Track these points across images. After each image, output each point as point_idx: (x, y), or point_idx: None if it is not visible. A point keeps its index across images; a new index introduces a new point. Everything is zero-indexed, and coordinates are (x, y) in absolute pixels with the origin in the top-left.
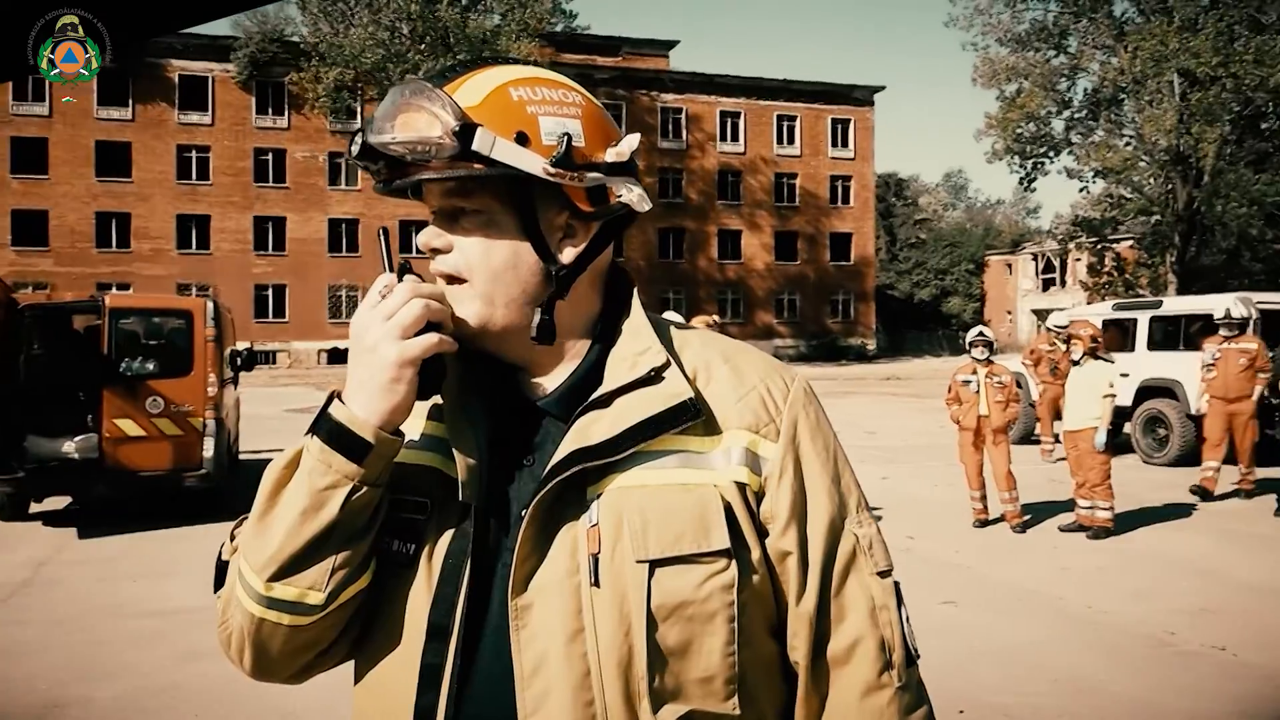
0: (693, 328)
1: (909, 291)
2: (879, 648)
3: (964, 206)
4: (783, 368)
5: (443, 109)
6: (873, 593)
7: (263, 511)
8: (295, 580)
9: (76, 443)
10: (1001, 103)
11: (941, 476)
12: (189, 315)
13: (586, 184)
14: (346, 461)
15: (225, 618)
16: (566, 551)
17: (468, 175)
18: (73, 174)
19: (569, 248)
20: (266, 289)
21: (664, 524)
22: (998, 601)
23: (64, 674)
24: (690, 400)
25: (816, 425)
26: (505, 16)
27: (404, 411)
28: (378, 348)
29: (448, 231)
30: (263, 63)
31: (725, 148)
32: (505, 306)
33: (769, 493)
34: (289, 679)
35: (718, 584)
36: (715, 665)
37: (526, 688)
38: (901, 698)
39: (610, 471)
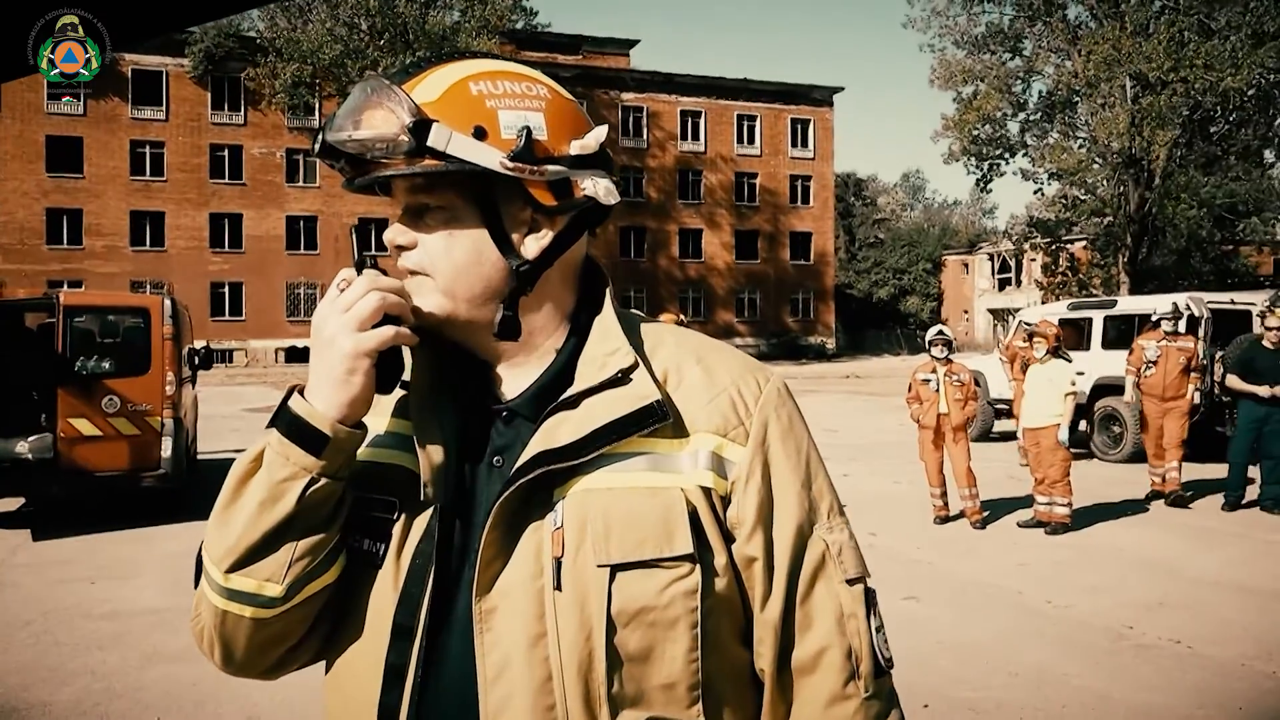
0: (668, 326)
1: (868, 291)
2: (845, 657)
3: (922, 207)
4: (757, 368)
5: (398, 105)
6: (841, 601)
7: (226, 503)
8: (252, 571)
9: (30, 443)
10: (958, 104)
11: (902, 474)
12: (146, 313)
13: (548, 177)
14: (304, 454)
15: (198, 611)
16: (531, 554)
17: (424, 171)
18: (22, 169)
19: (532, 243)
20: (223, 287)
21: (627, 528)
22: (959, 597)
23: (21, 678)
24: (657, 403)
25: (789, 428)
26: (465, 13)
27: (362, 404)
28: (334, 340)
29: (412, 228)
30: (219, 58)
31: (686, 147)
32: (468, 301)
33: (735, 497)
34: (261, 674)
35: (680, 589)
36: (678, 672)
37: (489, 691)
38: (868, 708)
39: (577, 473)
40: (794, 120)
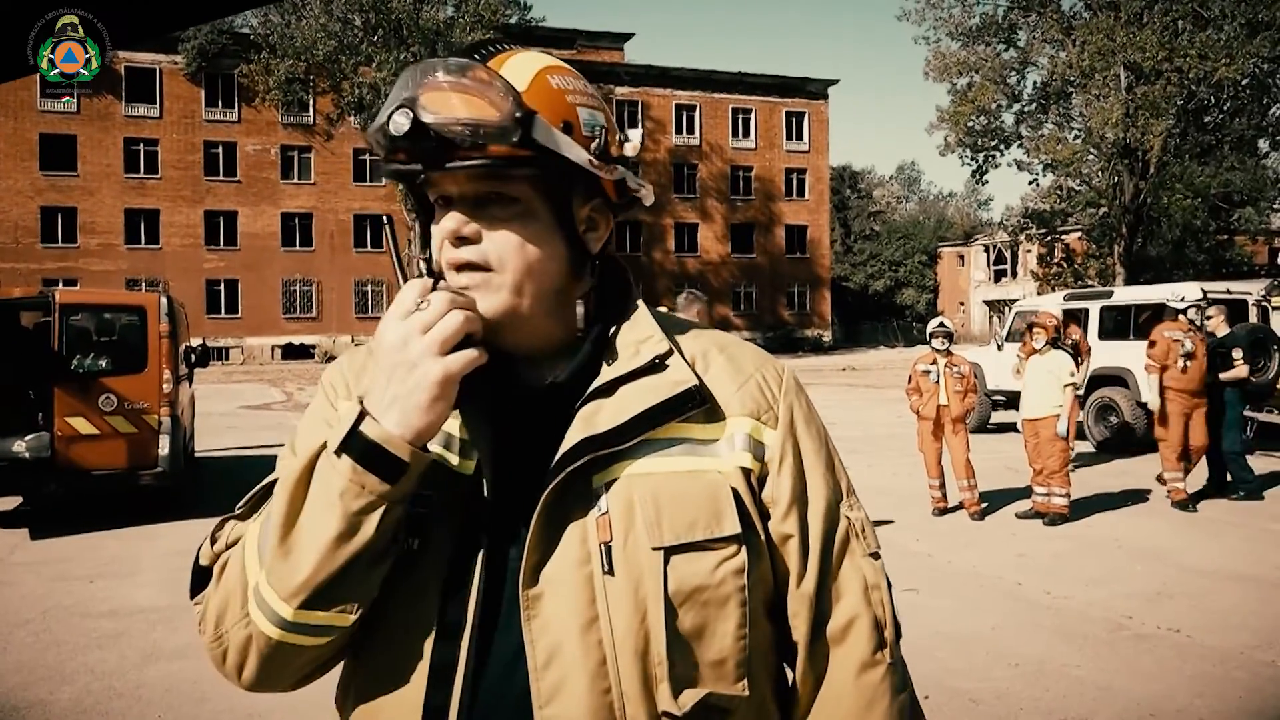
0: (684, 319)
1: (864, 283)
2: (873, 626)
3: (917, 199)
4: (773, 358)
5: (503, 93)
6: (865, 573)
7: (283, 534)
8: (329, 604)
9: (27, 442)
10: (953, 96)
11: (900, 466)
12: (143, 311)
13: (617, 176)
14: (380, 482)
15: (219, 632)
16: (576, 541)
17: (524, 160)
18: (16, 168)
19: (594, 239)
20: (218, 284)
21: (677, 511)
22: (958, 588)
23: (21, 677)
24: (695, 387)
25: (809, 413)
26: (458, 8)
27: (438, 428)
28: (419, 364)
29: (473, 219)
30: (212, 54)
31: (681, 140)
32: (533, 298)
33: (770, 478)
34: (289, 688)
35: (730, 568)
36: (728, 648)
37: (541, 678)
38: (893, 675)
39: (617, 460)
40: (789, 113)
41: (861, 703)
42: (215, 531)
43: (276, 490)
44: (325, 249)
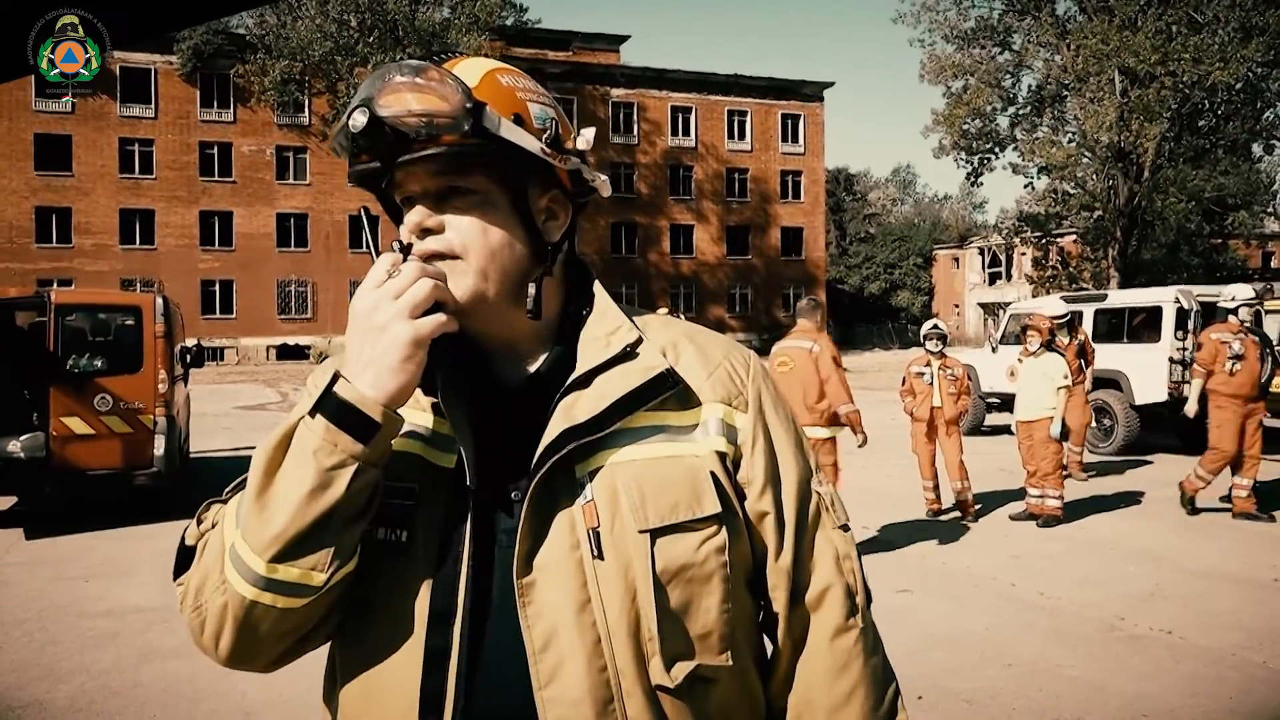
0: (648, 312)
1: (859, 285)
2: (845, 594)
3: (912, 201)
4: (738, 345)
5: (453, 87)
6: (836, 544)
7: (259, 491)
8: (299, 561)
9: (22, 442)
10: (948, 99)
11: (895, 467)
12: (138, 311)
13: (570, 167)
14: (353, 441)
15: (199, 603)
16: (565, 528)
17: (477, 149)
18: (11, 168)
19: (554, 227)
20: (213, 285)
21: (659, 494)
22: (952, 589)
23: (17, 677)
24: (668, 370)
25: (776, 397)
26: (455, 10)
27: (410, 391)
28: (389, 327)
29: (436, 213)
30: (207, 55)
31: (676, 142)
32: (498, 283)
33: (744, 459)
34: (264, 667)
35: (712, 546)
36: (712, 621)
37: (539, 661)
38: (865, 638)
39: (597, 449)
40: (784, 115)
41: (836, 665)
42: (200, 514)
43: (255, 455)
44: (320, 250)
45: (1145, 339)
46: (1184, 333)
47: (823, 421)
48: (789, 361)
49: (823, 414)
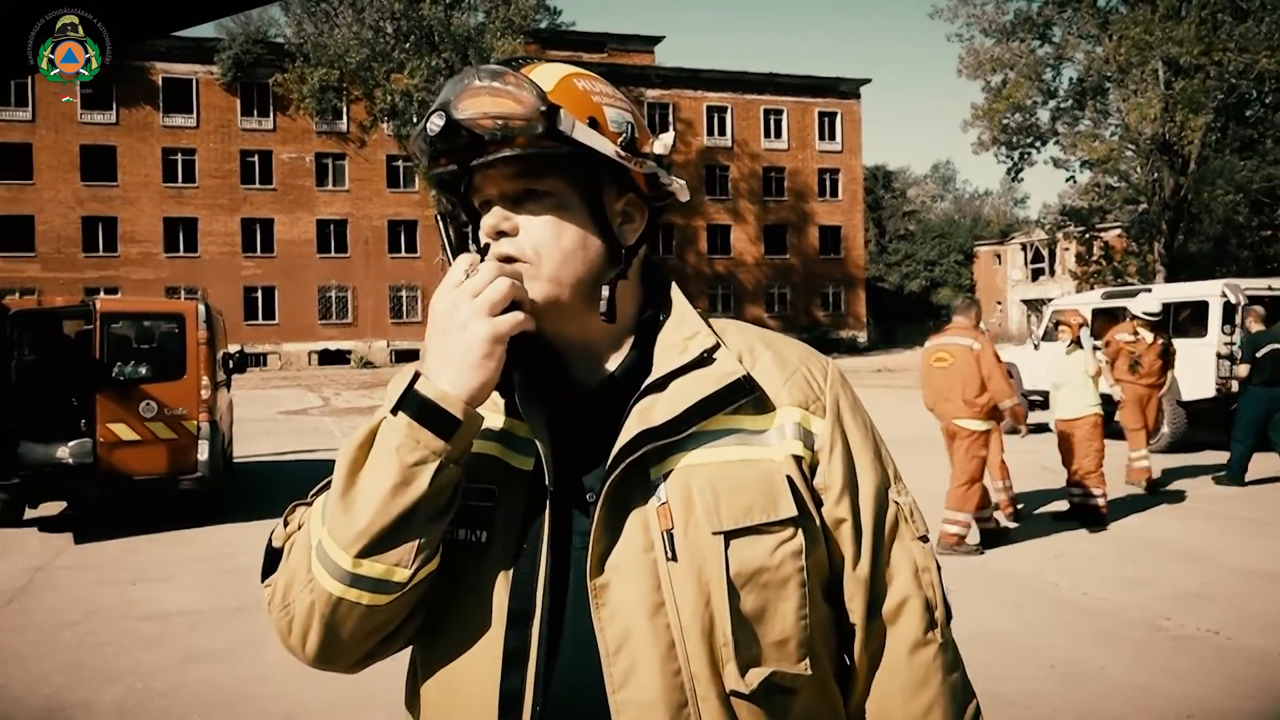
0: (725, 318)
1: (899, 283)
2: (924, 607)
3: (952, 198)
4: (816, 352)
5: (528, 90)
6: (915, 556)
7: (344, 489)
8: (383, 557)
9: (71, 448)
10: (987, 93)
11: (934, 468)
12: (181, 318)
13: (647, 170)
14: (434, 438)
15: (287, 602)
16: (639, 530)
17: (552, 152)
18: (58, 179)
19: (629, 231)
20: (256, 291)
21: (734, 497)
22: (993, 589)
23: (66, 678)
24: (744, 378)
25: (854, 403)
26: (489, 14)
27: (490, 388)
28: (468, 325)
29: (512, 215)
30: (247, 64)
31: (712, 142)
32: (572, 286)
33: (821, 465)
34: (349, 667)
35: (788, 550)
36: (789, 628)
37: (613, 663)
38: (944, 654)
39: (672, 452)
40: (821, 113)
41: (914, 680)
42: (287, 516)
43: (339, 455)
44: (360, 255)
45: (1191, 334)
46: (1231, 327)
47: (981, 415)
48: (947, 357)
49: (982, 408)
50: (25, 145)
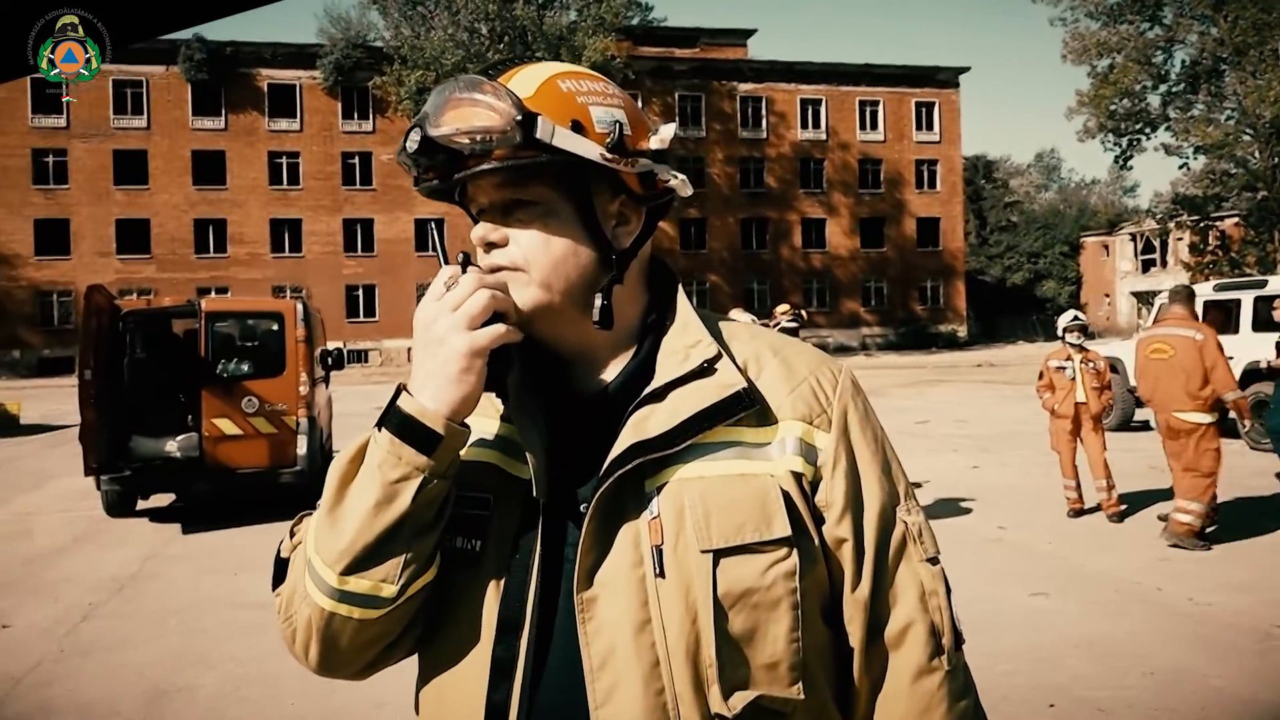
0: (741, 323)
1: (1001, 276)
2: (929, 632)
3: (1057, 187)
4: (830, 360)
5: (503, 100)
6: (922, 579)
7: (331, 505)
8: (369, 574)
9: (178, 442)
10: (1093, 79)
11: (1034, 465)
12: (281, 317)
13: (639, 169)
14: (417, 454)
15: (289, 613)
16: (629, 544)
17: (531, 162)
18: (172, 183)
19: (624, 234)
20: (357, 289)
21: (725, 514)
22: (1092, 593)
23: (170, 663)
24: (744, 390)
25: (865, 416)
26: (581, 12)
27: (473, 402)
28: (446, 339)
29: (501, 225)
30: (348, 68)
31: (807, 135)
32: (564, 294)
33: (824, 481)
34: (354, 675)
35: (780, 571)
36: (780, 651)
37: (596, 679)
38: (951, 682)
39: (668, 464)
40: (919, 103)
41: (917, 709)
42: (294, 526)
43: (330, 469)
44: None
45: None
46: None
47: (1205, 408)
48: (1167, 349)
49: (1205, 400)
50: (141, 152)
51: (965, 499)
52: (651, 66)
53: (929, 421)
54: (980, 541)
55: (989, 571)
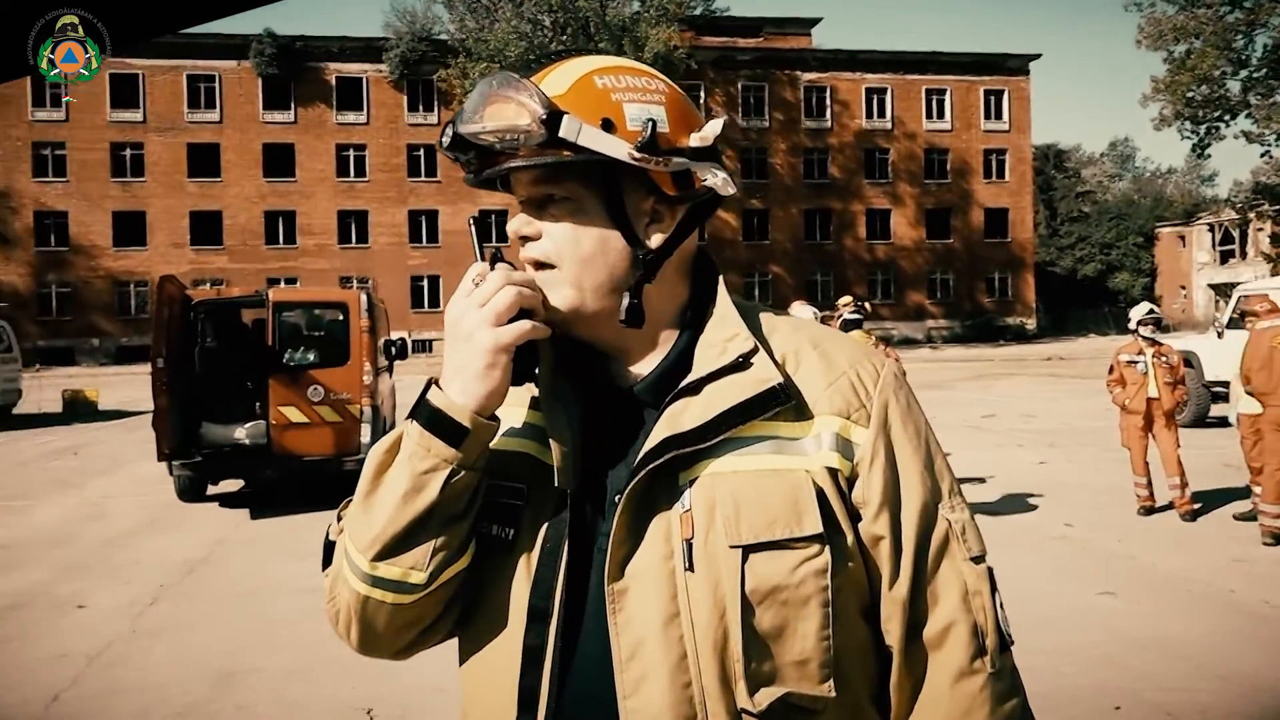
0: (783, 315)
1: (1071, 267)
2: (972, 633)
3: (1131, 177)
4: (873, 353)
5: (530, 97)
6: (965, 578)
7: (366, 493)
8: (398, 560)
9: (247, 429)
10: (1169, 65)
11: (1103, 461)
12: (345, 307)
13: (671, 168)
14: (445, 446)
15: (333, 594)
16: (661, 537)
17: (554, 161)
18: (243, 175)
19: (655, 233)
20: (422, 280)
21: (756, 509)
22: (1162, 593)
23: (237, 644)
24: (779, 385)
25: (907, 410)
26: (644, 3)
27: (499, 396)
28: (473, 335)
29: (536, 219)
30: (413, 61)
31: (872, 124)
32: (594, 291)
33: (861, 477)
34: (395, 655)
35: (811, 569)
36: (810, 648)
37: (624, 670)
38: (994, 684)
39: (702, 457)
40: (987, 91)
41: (958, 711)
42: (340, 510)
43: (367, 457)
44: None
45: None
46: None
47: None
48: None
49: None
50: (214, 145)
51: (1031, 494)
52: (714, 56)
53: (995, 415)
54: (1046, 539)
55: (1054, 569)
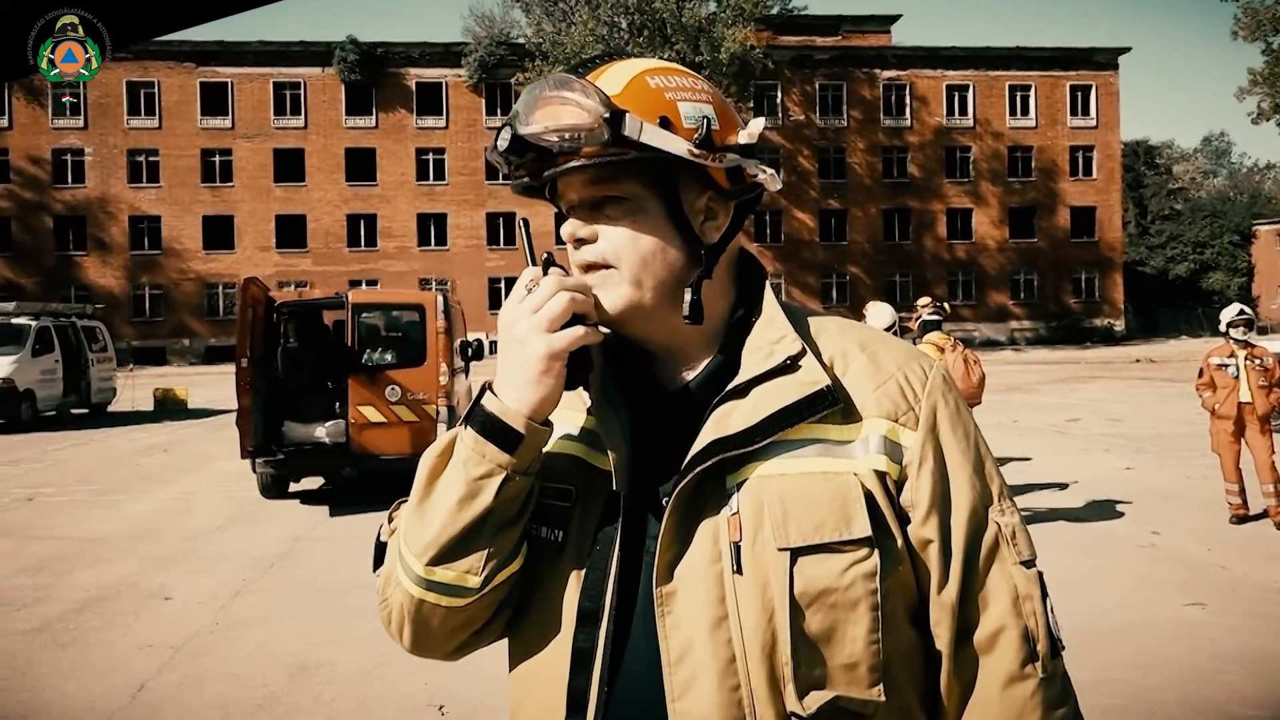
0: (831, 317)
1: (1162, 267)
2: (1022, 638)
3: (1226, 173)
4: (921, 356)
5: (591, 98)
6: (1016, 582)
7: (420, 498)
8: (453, 565)
9: (327, 428)
10: (1268, 56)
11: (1194, 468)
12: (422, 309)
13: (727, 164)
14: (499, 451)
15: (385, 596)
16: (709, 539)
17: (619, 159)
18: (326, 180)
19: (712, 229)
20: (499, 282)
21: (804, 512)
22: (1254, 605)
23: (313, 639)
24: (828, 388)
25: (956, 413)
26: (720, 3)
27: (553, 402)
28: (526, 341)
29: (590, 222)
30: (491, 65)
31: (953, 122)
32: (653, 290)
33: (909, 481)
34: (446, 656)
35: (860, 572)
36: (859, 652)
37: (674, 673)
38: (1045, 690)
39: (750, 460)
40: (1073, 87)
41: (1008, 717)
42: (392, 512)
43: (420, 462)
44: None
45: None
46: None
47: None
48: None
49: None
50: (299, 150)
51: (1117, 501)
52: (791, 56)
53: (1080, 419)
54: (1132, 547)
55: (1140, 579)
